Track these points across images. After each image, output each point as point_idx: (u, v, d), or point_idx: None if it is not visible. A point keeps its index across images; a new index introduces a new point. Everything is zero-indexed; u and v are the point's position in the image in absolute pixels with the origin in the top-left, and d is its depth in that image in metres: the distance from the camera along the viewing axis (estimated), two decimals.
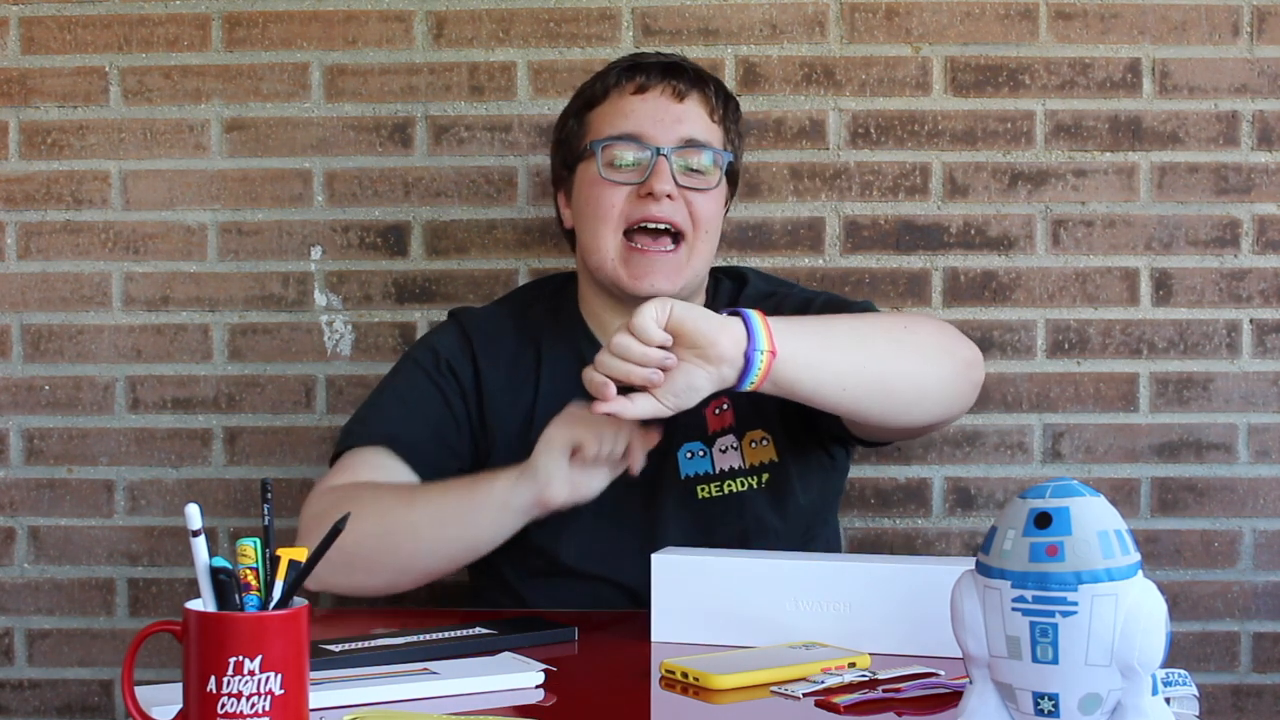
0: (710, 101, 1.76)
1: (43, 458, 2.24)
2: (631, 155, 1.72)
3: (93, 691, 2.25)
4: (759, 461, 1.76)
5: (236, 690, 1.04)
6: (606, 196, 1.72)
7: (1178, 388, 2.20)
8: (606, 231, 1.72)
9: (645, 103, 1.74)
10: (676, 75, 1.75)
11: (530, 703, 1.27)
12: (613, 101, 1.76)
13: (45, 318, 2.23)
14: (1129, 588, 1.03)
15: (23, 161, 2.23)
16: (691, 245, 1.72)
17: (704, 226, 1.73)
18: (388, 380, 1.83)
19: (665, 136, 1.72)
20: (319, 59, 2.21)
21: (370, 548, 1.59)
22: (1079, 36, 2.19)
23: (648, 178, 1.70)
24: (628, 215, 1.71)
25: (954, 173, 2.20)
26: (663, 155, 1.70)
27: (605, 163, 1.73)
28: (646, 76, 1.75)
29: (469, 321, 1.84)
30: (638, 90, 1.74)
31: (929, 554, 2.20)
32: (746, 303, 1.82)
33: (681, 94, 1.74)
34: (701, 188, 1.73)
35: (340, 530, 1.10)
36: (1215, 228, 2.19)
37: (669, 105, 1.74)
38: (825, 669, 1.31)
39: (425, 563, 1.64)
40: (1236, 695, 2.21)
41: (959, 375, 1.63)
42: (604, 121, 1.75)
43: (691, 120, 1.74)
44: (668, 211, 1.70)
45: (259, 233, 2.22)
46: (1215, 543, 2.20)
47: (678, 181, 1.71)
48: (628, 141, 1.72)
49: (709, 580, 1.45)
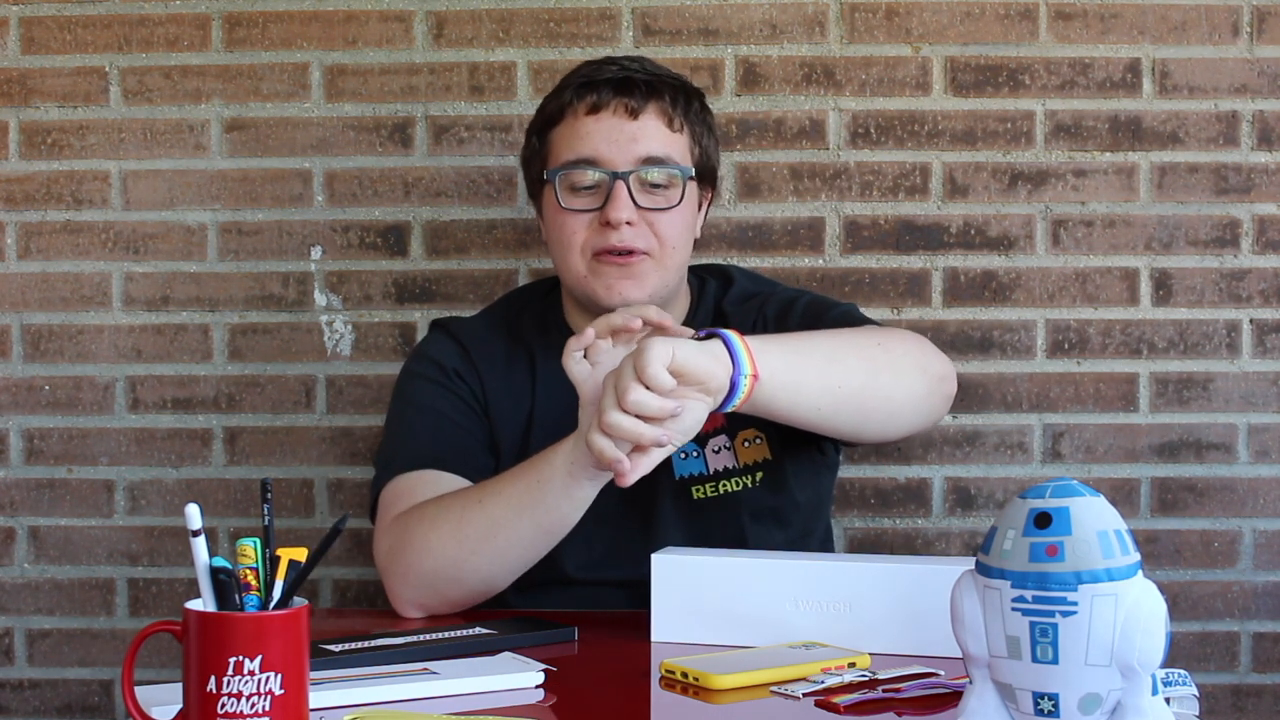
0: (667, 111, 1.73)
1: (43, 458, 2.24)
2: (589, 178, 1.71)
3: (93, 691, 2.25)
4: (753, 460, 1.76)
5: (236, 690, 1.04)
6: (568, 225, 1.72)
7: (1178, 388, 2.20)
8: (574, 257, 1.72)
9: (600, 123, 1.71)
10: (628, 91, 1.71)
11: (530, 703, 1.27)
12: (568, 123, 1.73)
13: (45, 318, 2.23)
14: (1129, 588, 1.03)
15: (23, 161, 2.23)
16: (659, 261, 1.71)
17: (670, 244, 1.72)
18: (402, 404, 1.79)
19: (621, 158, 1.70)
20: (319, 59, 2.21)
21: (451, 557, 1.56)
22: (1079, 36, 2.19)
23: (605, 205, 1.69)
24: (592, 244, 1.71)
25: (954, 173, 2.20)
26: (619, 179, 1.69)
27: (564, 189, 1.72)
28: (598, 95, 1.72)
29: (461, 331, 1.83)
30: (590, 110, 1.72)
31: (929, 554, 2.20)
32: (732, 303, 1.82)
33: (635, 110, 1.71)
34: (663, 207, 1.71)
35: (340, 530, 1.10)
36: (1215, 228, 2.19)
37: (623, 124, 1.71)
38: (825, 669, 1.31)
39: (510, 558, 1.58)
40: (1236, 695, 2.21)
41: (931, 391, 1.63)
42: (561, 145, 1.73)
43: (648, 137, 1.71)
44: (629, 239, 1.69)
45: (259, 233, 2.22)
46: (1215, 543, 2.20)
47: (638, 203, 1.69)
48: (584, 167, 1.71)
49: (709, 580, 1.45)
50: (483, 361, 1.79)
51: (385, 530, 1.64)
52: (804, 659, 1.33)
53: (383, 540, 1.63)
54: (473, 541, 1.56)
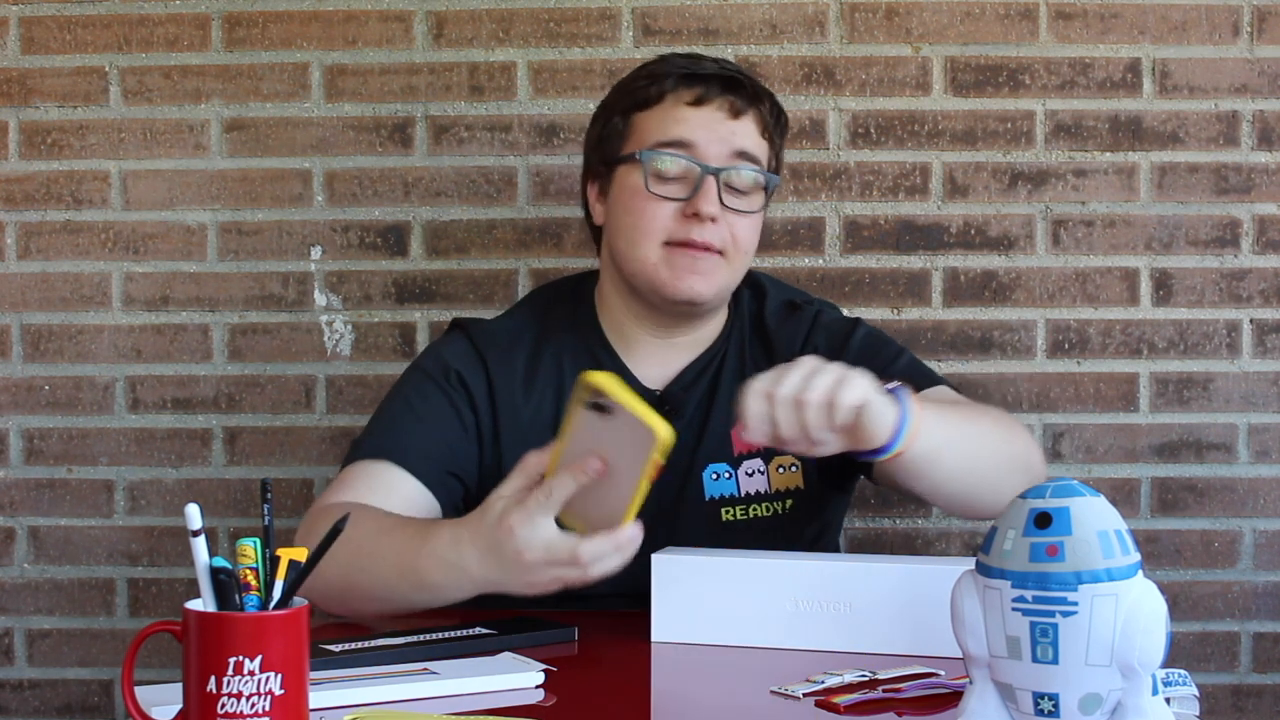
0: (764, 119, 1.73)
1: (43, 458, 2.24)
2: (679, 166, 1.68)
3: (93, 691, 2.25)
4: (785, 487, 1.74)
5: (236, 690, 1.04)
6: (650, 210, 1.69)
7: (1178, 388, 2.20)
8: (649, 244, 1.69)
9: (700, 114, 1.70)
10: (735, 90, 1.71)
11: (530, 703, 1.27)
12: (666, 108, 1.71)
13: (45, 318, 2.23)
14: (1129, 588, 1.03)
15: (23, 161, 2.23)
16: (731, 262, 1.71)
17: (744, 249, 1.71)
18: (394, 392, 1.77)
19: (716, 153, 1.69)
20: (319, 59, 2.21)
21: (333, 575, 1.44)
22: (1079, 36, 2.19)
23: (693, 196, 1.67)
24: (671, 232, 1.68)
25: (954, 173, 2.20)
26: (711, 175, 1.67)
27: (652, 174, 1.69)
28: (705, 88, 1.70)
29: (480, 335, 1.78)
30: (695, 101, 1.70)
31: (929, 554, 2.20)
32: (775, 318, 1.80)
33: (738, 111, 1.70)
34: (745, 210, 1.70)
35: (340, 530, 1.10)
36: (1215, 228, 2.19)
37: (724, 120, 1.70)
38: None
39: (380, 605, 1.53)
40: (1236, 695, 2.21)
41: (1025, 486, 1.59)
42: (654, 127, 1.71)
43: (744, 136, 1.70)
44: (710, 235, 1.67)
45: (259, 233, 2.22)
46: (1215, 543, 2.20)
47: (723, 202, 1.68)
48: (678, 151, 1.69)
49: (709, 580, 1.45)
50: (499, 366, 1.74)
51: (314, 514, 1.61)
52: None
53: (307, 520, 1.60)
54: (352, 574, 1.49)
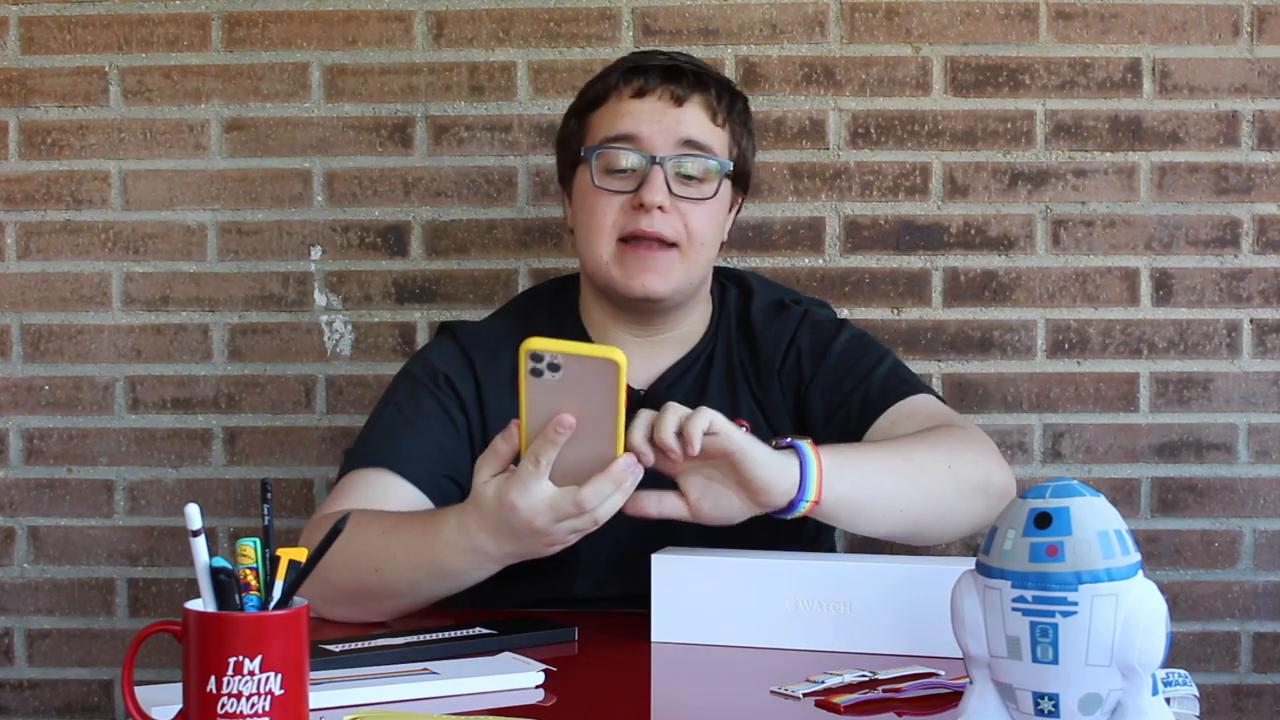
0: (712, 105, 1.72)
1: (43, 458, 2.24)
2: (626, 160, 1.68)
3: (93, 691, 2.25)
4: None
5: (236, 690, 1.04)
6: (600, 206, 1.69)
7: (1178, 388, 2.20)
8: (601, 241, 1.69)
9: (643, 105, 1.70)
10: (676, 79, 1.71)
11: (530, 703, 1.27)
12: (611, 104, 1.72)
13: (45, 318, 2.23)
14: (1129, 588, 1.03)
15: (23, 161, 2.23)
16: (685, 254, 1.69)
17: (699, 238, 1.69)
18: (385, 399, 1.77)
19: (662, 141, 1.68)
20: (319, 59, 2.21)
21: (342, 579, 1.50)
22: (1079, 36, 2.19)
23: (639, 188, 1.67)
24: (621, 226, 1.68)
25: (954, 173, 2.20)
26: (657, 163, 1.67)
27: (600, 169, 1.70)
28: (646, 80, 1.71)
29: (467, 338, 1.79)
30: (636, 94, 1.71)
31: (929, 554, 2.20)
32: (761, 315, 1.79)
33: (680, 98, 1.70)
34: (697, 198, 1.69)
35: (340, 530, 1.10)
36: (1215, 228, 2.19)
37: (667, 109, 1.70)
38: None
39: (397, 602, 1.54)
40: (1236, 695, 2.21)
41: (990, 509, 1.58)
42: (601, 124, 1.72)
43: (690, 124, 1.70)
44: (659, 225, 1.66)
45: (259, 233, 2.22)
46: (1215, 543, 2.20)
47: (673, 190, 1.67)
48: (623, 144, 1.69)
49: (709, 580, 1.45)
50: (486, 368, 1.75)
51: (313, 525, 1.61)
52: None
53: (307, 533, 1.60)
54: (363, 573, 1.51)
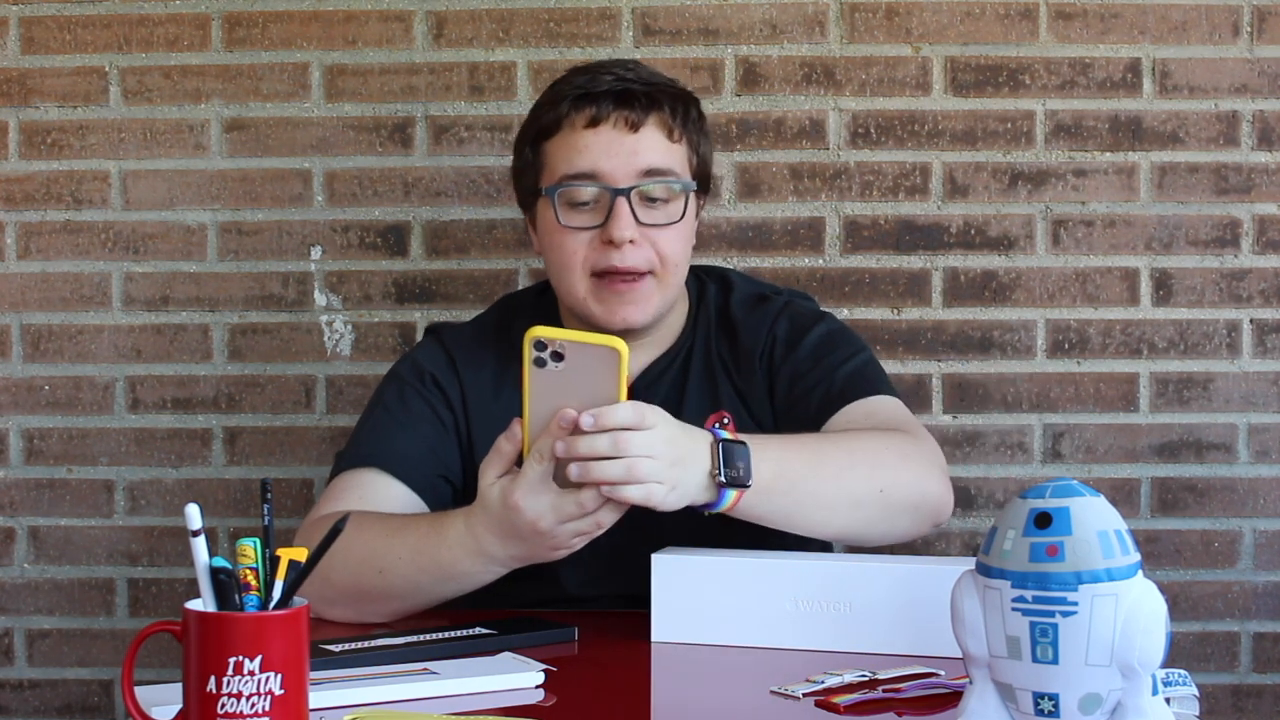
0: (668, 122, 1.69)
1: (43, 458, 2.24)
2: (588, 194, 1.67)
3: (93, 691, 2.25)
4: None
5: (236, 690, 1.04)
6: (569, 245, 1.68)
7: (1178, 388, 2.20)
8: (574, 278, 1.68)
9: (599, 137, 1.67)
10: (628, 103, 1.67)
11: (530, 703, 1.27)
12: (565, 136, 1.69)
13: (45, 318, 2.23)
14: (1129, 588, 1.03)
15: (23, 161, 2.23)
16: (661, 279, 1.69)
17: (672, 262, 1.68)
18: (374, 401, 1.78)
19: (623, 173, 1.66)
20: (319, 59, 2.21)
21: (344, 581, 1.52)
22: (1079, 36, 2.19)
23: (606, 223, 1.65)
24: (593, 262, 1.67)
25: (954, 173, 2.20)
26: (620, 196, 1.65)
27: (563, 205, 1.68)
28: (598, 108, 1.67)
29: (450, 339, 1.79)
30: (590, 124, 1.67)
31: (929, 554, 2.20)
32: (741, 307, 1.78)
33: (636, 123, 1.67)
34: (664, 223, 1.67)
35: (340, 531, 1.10)
36: (1215, 228, 2.19)
37: (623, 138, 1.67)
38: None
39: (401, 603, 1.55)
40: (1236, 695, 2.21)
41: (921, 524, 1.61)
42: (558, 158, 1.69)
43: (649, 149, 1.67)
44: (630, 259, 1.65)
45: (259, 233, 2.22)
46: (1215, 543, 2.20)
47: (639, 219, 1.66)
48: (584, 182, 1.67)
49: (709, 580, 1.45)
50: (468, 369, 1.76)
51: (307, 526, 1.62)
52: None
53: (301, 534, 1.61)
54: (366, 575, 1.52)
